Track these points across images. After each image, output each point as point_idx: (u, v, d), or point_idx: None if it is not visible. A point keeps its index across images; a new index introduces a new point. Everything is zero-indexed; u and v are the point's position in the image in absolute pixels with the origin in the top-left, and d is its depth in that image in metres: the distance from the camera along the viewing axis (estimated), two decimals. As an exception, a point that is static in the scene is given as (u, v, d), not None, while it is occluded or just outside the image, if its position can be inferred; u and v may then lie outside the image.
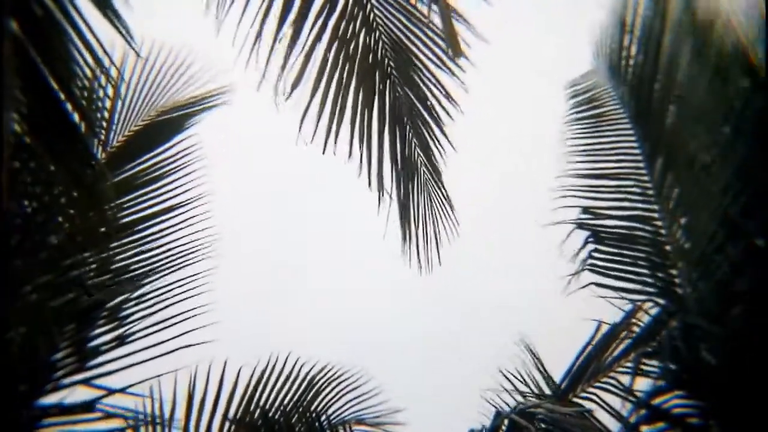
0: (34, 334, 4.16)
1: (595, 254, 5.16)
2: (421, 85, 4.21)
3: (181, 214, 4.72)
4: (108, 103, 4.93)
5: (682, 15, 5.05)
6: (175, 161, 4.91)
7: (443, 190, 4.37)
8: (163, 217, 4.68)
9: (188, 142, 5.02)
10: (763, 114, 4.51)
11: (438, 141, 4.30)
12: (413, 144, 4.27)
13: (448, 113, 4.25)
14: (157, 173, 4.83)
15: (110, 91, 4.92)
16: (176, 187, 4.81)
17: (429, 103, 4.21)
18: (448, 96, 4.13)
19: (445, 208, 4.42)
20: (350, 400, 5.22)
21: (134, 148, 4.92)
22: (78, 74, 3.11)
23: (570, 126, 5.83)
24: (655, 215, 5.14)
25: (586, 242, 5.20)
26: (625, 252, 5.16)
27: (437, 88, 4.20)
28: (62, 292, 4.33)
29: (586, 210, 5.37)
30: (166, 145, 4.97)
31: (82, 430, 4.14)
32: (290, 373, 4.93)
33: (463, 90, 4.09)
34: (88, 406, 4.14)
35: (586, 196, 5.44)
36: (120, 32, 3.00)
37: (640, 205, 5.24)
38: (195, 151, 4.97)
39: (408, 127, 4.25)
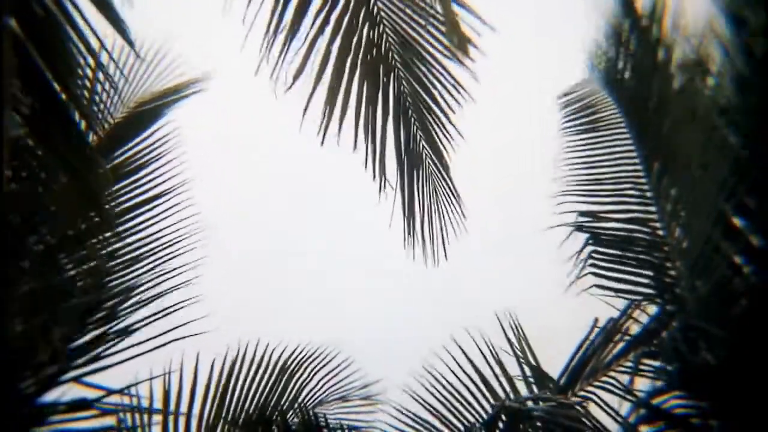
0: (31, 332, 4.13)
1: (595, 255, 5.18)
2: (428, 77, 4.21)
3: (164, 203, 4.66)
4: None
5: (676, 17, 5.11)
6: (156, 149, 4.84)
7: (449, 183, 4.35)
8: (148, 207, 4.64)
9: (168, 129, 4.95)
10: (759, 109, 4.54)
11: (446, 132, 4.28)
12: (418, 137, 4.27)
13: (456, 103, 4.23)
14: (138, 162, 4.77)
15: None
16: (158, 176, 4.75)
17: (436, 94, 4.19)
18: (456, 86, 4.11)
19: (451, 201, 4.40)
20: (327, 379, 5.14)
21: (115, 140, 4.85)
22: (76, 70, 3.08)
23: (565, 134, 5.87)
24: (654, 217, 5.17)
25: (585, 244, 5.22)
26: (624, 253, 5.17)
27: (445, 79, 4.19)
28: (57, 290, 4.30)
29: (583, 213, 5.40)
30: (145, 134, 4.89)
31: (75, 428, 4.10)
32: (261, 359, 4.83)
33: (472, 80, 4.08)
34: (86, 404, 4.12)
35: (585, 201, 5.47)
36: (123, 36, 2.98)
37: (638, 207, 5.27)
38: (174, 139, 4.90)
39: (413, 120, 4.25)
